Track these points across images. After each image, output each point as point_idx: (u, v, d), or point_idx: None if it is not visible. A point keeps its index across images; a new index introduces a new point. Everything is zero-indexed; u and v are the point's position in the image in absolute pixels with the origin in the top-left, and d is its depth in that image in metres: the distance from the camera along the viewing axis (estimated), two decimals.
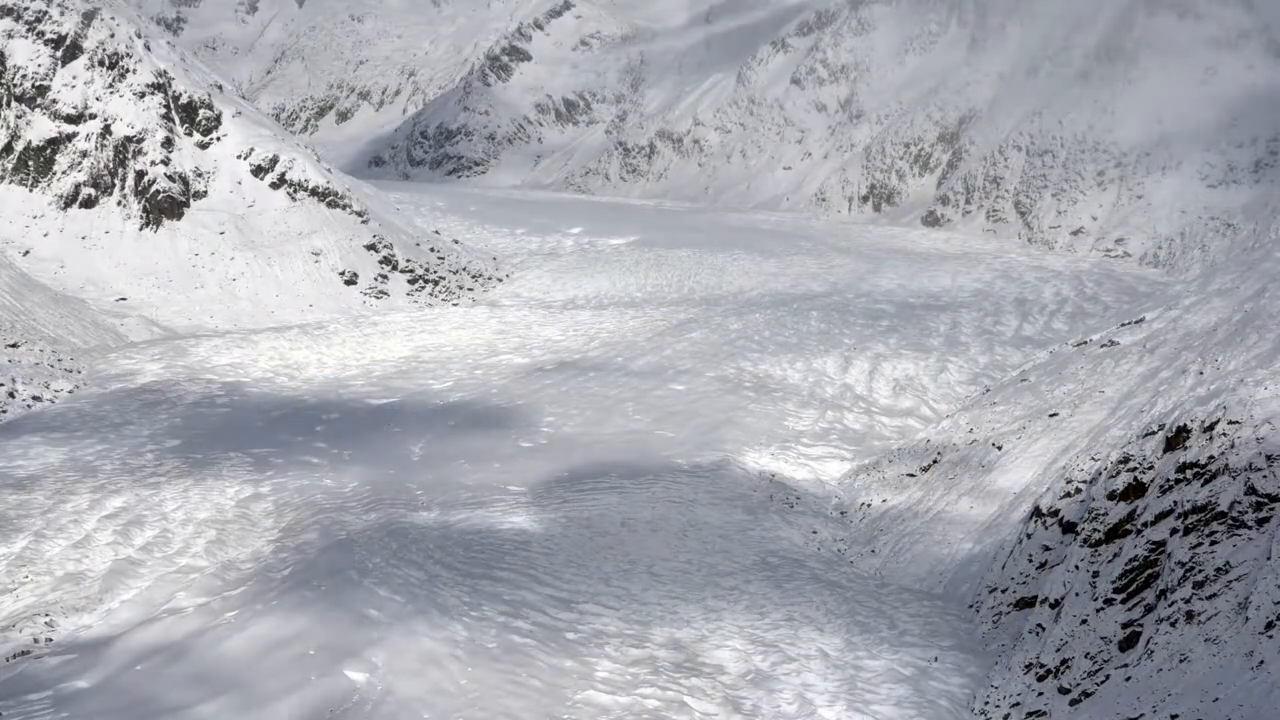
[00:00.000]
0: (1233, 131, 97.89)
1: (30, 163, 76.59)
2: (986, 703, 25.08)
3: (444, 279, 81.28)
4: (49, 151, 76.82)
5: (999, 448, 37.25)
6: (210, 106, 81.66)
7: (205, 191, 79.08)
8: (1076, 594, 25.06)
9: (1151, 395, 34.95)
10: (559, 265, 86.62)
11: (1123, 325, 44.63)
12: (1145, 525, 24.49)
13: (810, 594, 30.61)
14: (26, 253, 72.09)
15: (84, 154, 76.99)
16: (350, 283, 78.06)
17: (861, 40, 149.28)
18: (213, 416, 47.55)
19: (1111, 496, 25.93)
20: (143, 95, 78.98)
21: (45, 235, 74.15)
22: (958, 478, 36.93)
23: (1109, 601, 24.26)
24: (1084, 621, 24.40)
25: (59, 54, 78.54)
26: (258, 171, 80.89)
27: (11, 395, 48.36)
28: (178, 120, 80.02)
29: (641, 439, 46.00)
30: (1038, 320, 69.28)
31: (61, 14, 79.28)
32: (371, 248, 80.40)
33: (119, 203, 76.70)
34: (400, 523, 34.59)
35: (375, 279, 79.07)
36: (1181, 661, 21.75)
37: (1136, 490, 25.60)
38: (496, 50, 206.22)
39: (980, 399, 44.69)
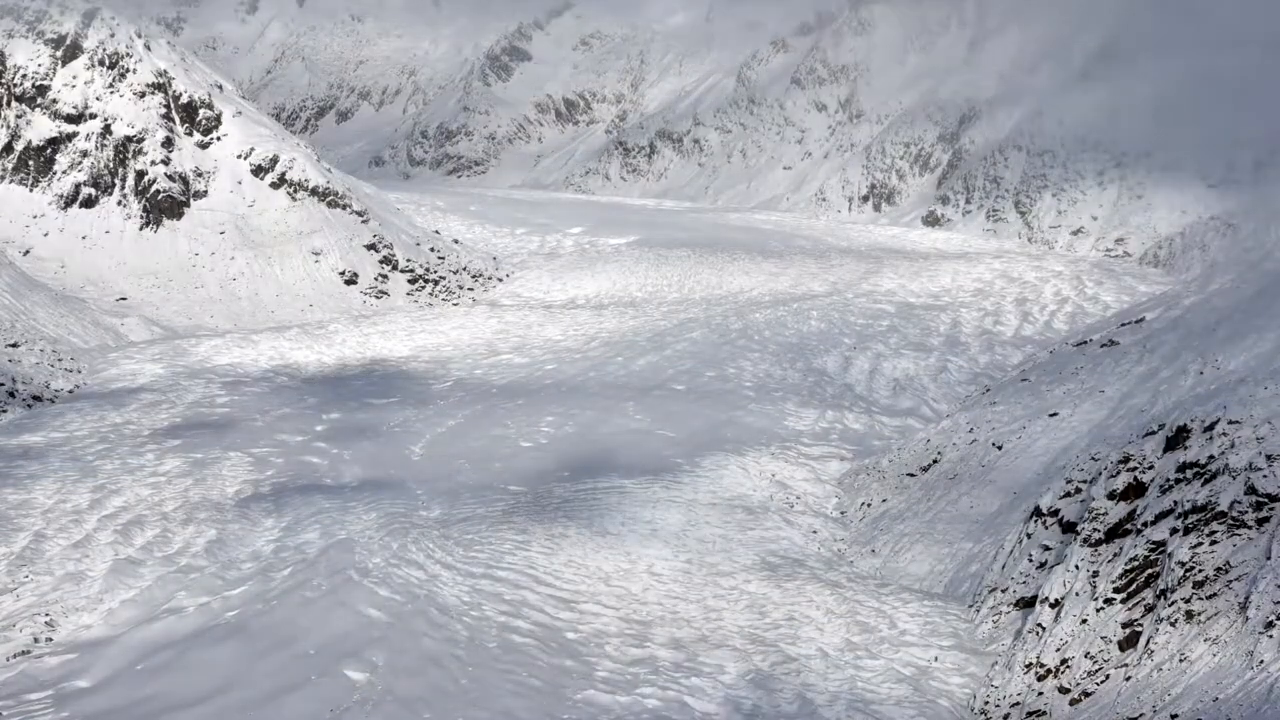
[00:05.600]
0: (1233, 131, 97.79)
1: (30, 162, 76.61)
2: (986, 703, 25.08)
3: (444, 279, 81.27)
4: (49, 151, 76.83)
5: (999, 448, 37.24)
6: (210, 106, 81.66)
7: (205, 191, 79.08)
8: (1076, 594, 25.07)
9: (1151, 395, 34.93)
10: (559, 265, 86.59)
11: (1123, 325, 44.60)
12: (1145, 525, 24.49)
13: (810, 594, 30.60)
14: (27, 252, 72.10)
15: (84, 154, 77.00)
16: (350, 282, 78.07)
17: (861, 40, 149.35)
18: (213, 416, 47.56)
19: (1111, 496, 25.93)
20: (143, 95, 78.99)
21: (45, 235, 74.17)
22: (958, 477, 36.92)
23: (1109, 601, 24.26)
24: (1084, 621, 24.40)
25: (59, 54, 78.55)
26: (258, 171, 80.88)
27: (11, 395, 48.37)
28: (178, 120, 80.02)
29: (641, 439, 45.99)
30: (1038, 320, 69.27)
31: (61, 14, 79.31)
32: (371, 248, 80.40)
33: (119, 202, 76.71)
34: (400, 523, 34.59)
35: (375, 279, 79.08)
36: (1181, 661, 21.76)
37: (1136, 490, 25.60)
38: (496, 50, 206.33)
39: (980, 399, 44.66)
